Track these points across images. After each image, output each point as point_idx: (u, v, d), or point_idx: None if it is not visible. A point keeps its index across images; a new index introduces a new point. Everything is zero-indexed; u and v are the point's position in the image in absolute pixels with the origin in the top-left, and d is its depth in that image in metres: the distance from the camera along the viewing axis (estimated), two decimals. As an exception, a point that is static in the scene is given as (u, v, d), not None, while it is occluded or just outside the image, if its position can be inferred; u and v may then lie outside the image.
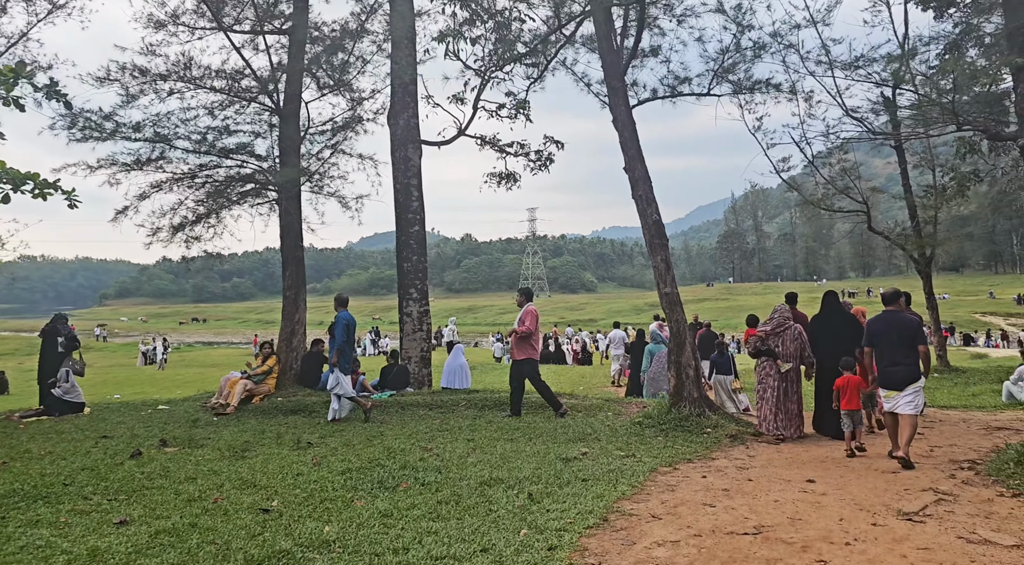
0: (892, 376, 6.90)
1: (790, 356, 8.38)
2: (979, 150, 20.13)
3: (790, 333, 8.44)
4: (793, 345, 8.38)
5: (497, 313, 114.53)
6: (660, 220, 8.70)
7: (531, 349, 9.69)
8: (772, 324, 8.56)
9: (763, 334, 8.50)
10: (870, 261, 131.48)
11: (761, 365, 8.58)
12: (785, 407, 8.34)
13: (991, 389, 15.47)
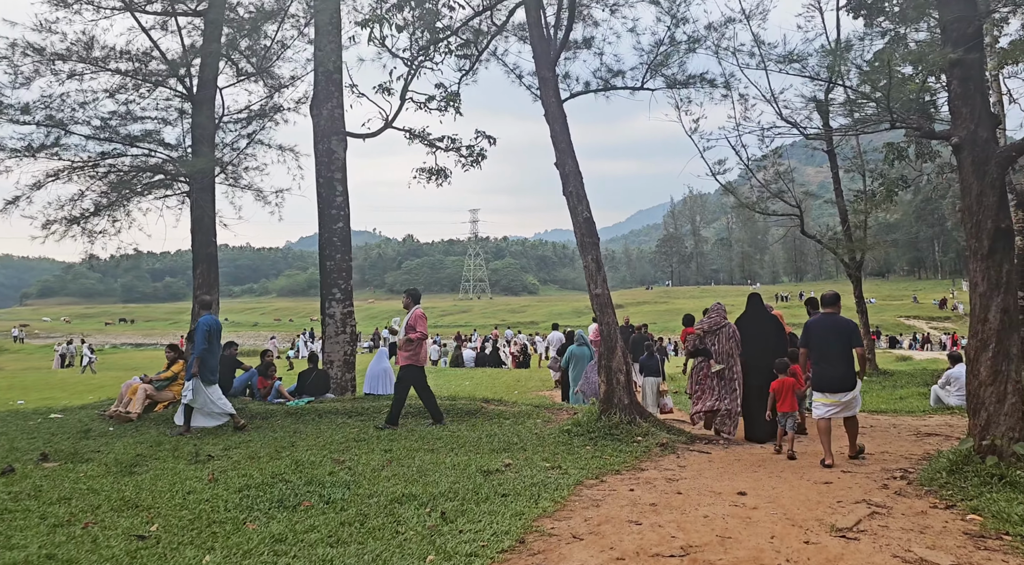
0: (828, 378, 6.94)
1: (725, 355, 8.32)
2: (907, 156, 20.57)
3: (725, 332, 8.37)
4: (728, 344, 8.31)
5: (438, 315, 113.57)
6: (591, 218, 8.33)
7: (416, 355, 9.08)
8: (708, 322, 8.49)
9: (700, 332, 8.40)
10: (802, 266, 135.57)
11: (697, 366, 8.49)
12: (722, 407, 8.29)
13: (917, 392, 15.72)
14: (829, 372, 6.96)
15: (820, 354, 7.06)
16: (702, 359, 8.43)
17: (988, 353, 5.95)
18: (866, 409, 11.04)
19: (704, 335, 8.40)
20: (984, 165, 5.99)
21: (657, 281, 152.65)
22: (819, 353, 7.07)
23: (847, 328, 7.06)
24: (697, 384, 8.50)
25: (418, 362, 9.10)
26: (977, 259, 6.04)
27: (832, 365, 6.95)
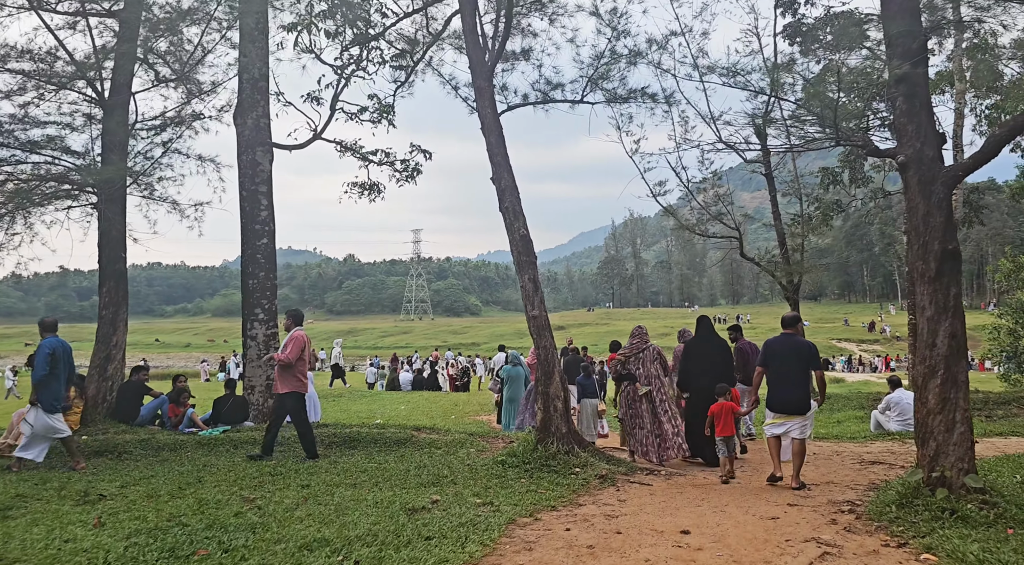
0: (785, 400, 6.88)
1: (650, 378, 8.25)
2: (841, 181, 20.95)
3: (648, 354, 8.34)
4: (653, 366, 8.27)
5: (379, 336, 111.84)
6: (528, 235, 7.90)
7: (295, 381, 8.40)
8: (630, 347, 8.43)
9: (623, 357, 8.35)
10: (739, 289, 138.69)
11: (624, 391, 8.34)
12: (660, 431, 8.05)
13: (854, 416, 15.76)
14: (785, 394, 6.88)
15: (778, 375, 6.96)
16: (628, 383, 8.29)
17: (936, 380, 5.71)
18: (807, 434, 10.88)
19: (627, 360, 8.29)
20: (930, 184, 5.80)
21: (598, 303, 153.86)
22: (777, 374, 6.97)
23: (807, 350, 7.00)
24: (628, 408, 8.32)
25: (300, 389, 8.42)
26: (924, 282, 5.82)
27: (789, 387, 6.87)
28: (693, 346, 8.55)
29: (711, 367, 8.22)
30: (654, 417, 8.18)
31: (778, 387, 6.96)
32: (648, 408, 8.20)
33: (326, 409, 19.05)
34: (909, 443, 9.12)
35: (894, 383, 10.42)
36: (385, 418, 16.78)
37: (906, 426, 9.89)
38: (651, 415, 8.18)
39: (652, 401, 8.22)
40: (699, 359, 8.33)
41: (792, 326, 7.25)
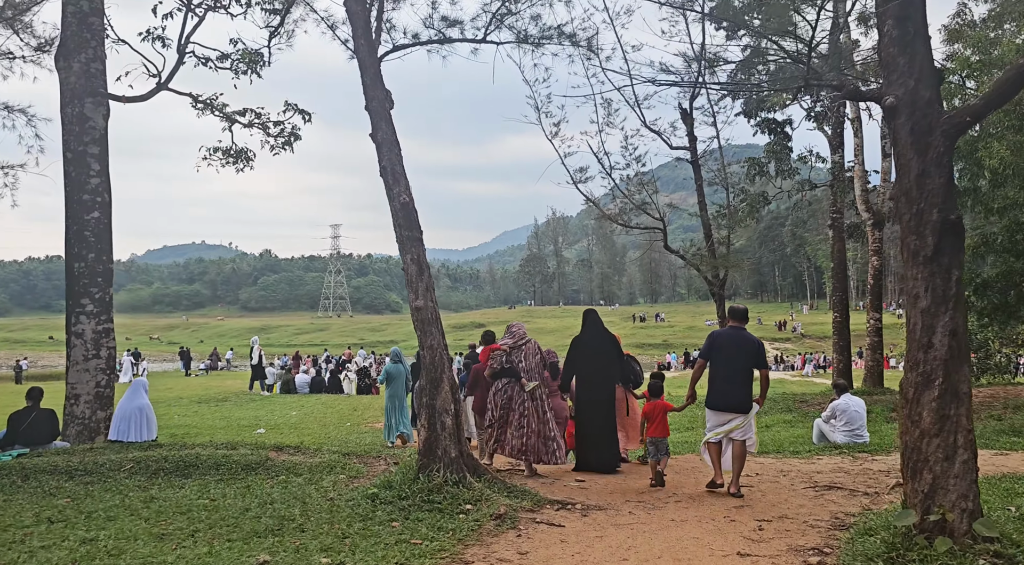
0: (727, 397, 6.51)
1: (532, 374, 7.55)
2: (767, 172, 20.09)
3: (530, 348, 7.65)
4: (534, 360, 7.60)
5: (293, 333, 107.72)
6: (411, 204, 6.18)
7: None
8: (513, 338, 7.69)
9: (506, 349, 7.57)
10: (657, 288, 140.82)
11: (502, 388, 7.53)
12: (541, 431, 7.39)
13: (783, 420, 14.76)
14: (728, 390, 6.51)
15: (722, 370, 6.56)
16: (508, 380, 7.53)
17: (933, 391, 4.33)
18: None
19: (510, 351, 7.56)
20: (927, 135, 4.41)
21: (520, 301, 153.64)
22: (721, 369, 6.57)
23: (755, 346, 6.63)
24: (502, 408, 7.52)
25: None
26: (917, 263, 4.43)
27: (732, 383, 6.51)
28: (580, 344, 7.84)
29: (601, 367, 7.71)
30: (541, 417, 7.43)
31: (721, 383, 6.53)
32: (534, 407, 7.45)
33: (205, 415, 16.81)
34: (860, 459, 7.88)
35: (840, 388, 9.21)
36: (271, 427, 14.75)
37: (853, 437, 8.69)
38: (534, 415, 7.42)
39: (535, 399, 7.48)
40: (587, 358, 7.73)
41: (742, 319, 6.81)
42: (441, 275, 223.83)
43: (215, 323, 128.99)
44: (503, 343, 7.71)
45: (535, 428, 7.35)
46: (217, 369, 44.77)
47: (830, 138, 18.98)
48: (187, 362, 39.11)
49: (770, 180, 19.60)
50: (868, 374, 17.37)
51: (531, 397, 7.43)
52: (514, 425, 7.41)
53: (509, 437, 7.43)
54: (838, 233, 18.90)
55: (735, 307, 6.98)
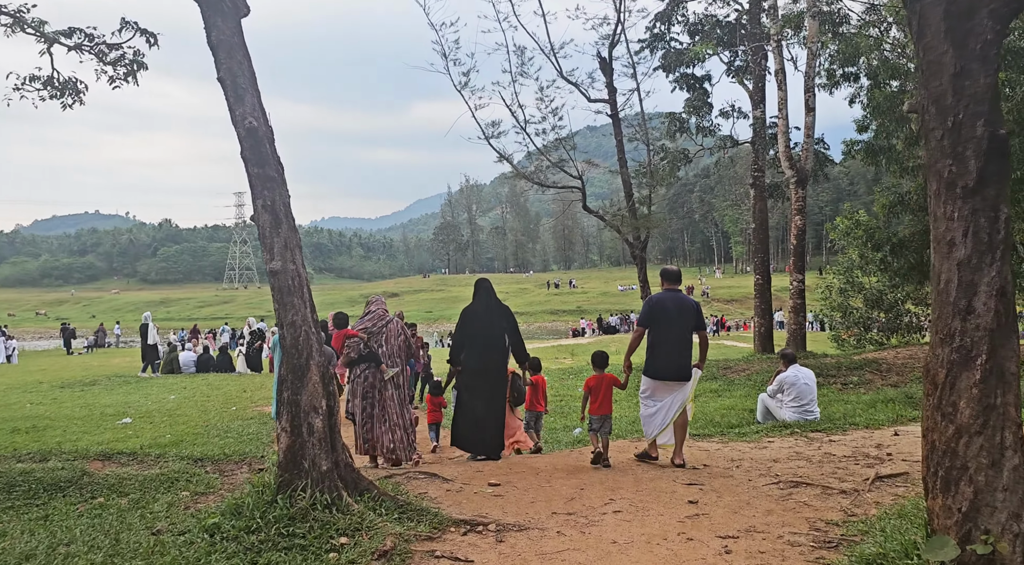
0: (672, 365, 6.22)
1: (395, 358, 6.94)
2: (688, 129, 19.14)
3: (393, 329, 6.99)
4: (396, 342, 6.96)
5: (195, 306, 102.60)
6: (263, 130, 4.54)
7: None
8: (371, 320, 6.99)
9: (364, 334, 6.85)
10: (571, 255, 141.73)
11: (361, 375, 6.84)
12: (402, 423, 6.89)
13: (709, 389, 13.93)
14: (672, 357, 6.20)
15: (662, 336, 6.22)
16: (367, 366, 6.83)
17: (974, 373, 3.15)
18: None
19: (369, 337, 6.88)
20: (968, 18, 3.17)
21: (435, 269, 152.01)
22: (661, 335, 6.22)
23: (694, 307, 6.37)
24: (363, 399, 6.87)
25: None
26: (954, 197, 3.21)
27: (674, 349, 6.21)
28: (472, 315, 7.15)
29: (493, 338, 7.06)
30: (401, 407, 6.90)
31: (663, 350, 6.19)
32: (394, 395, 6.89)
33: (65, 402, 14.57)
34: (816, 440, 6.87)
35: (788, 358, 8.17)
36: (140, 415, 12.78)
37: (803, 414, 7.71)
38: (397, 404, 6.88)
39: (398, 388, 6.95)
40: (477, 330, 7.05)
41: (677, 281, 6.43)
42: (354, 244, 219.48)
43: (109, 297, 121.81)
44: (360, 327, 6.95)
45: (395, 422, 6.80)
46: (105, 346, 41.29)
47: (751, 93, 18.16)
48: (68, 339, 35.62)
49: (691, 137, 18.70)
50: (792, 338, 16.83)
51: (392, 385, 6.82)
52: (379, 419, 6.79)
53: (380, 434, 6.79)
54: (759, 192, 18.18)
55: (668, 268, 6.51)
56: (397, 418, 6.91)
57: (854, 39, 17.89)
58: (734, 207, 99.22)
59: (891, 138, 18.20)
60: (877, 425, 7.24)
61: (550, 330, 60.28)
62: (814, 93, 16.38)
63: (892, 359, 15.59)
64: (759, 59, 17.91)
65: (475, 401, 6.99)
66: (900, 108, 17.65)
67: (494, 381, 7.04)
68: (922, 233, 18.21)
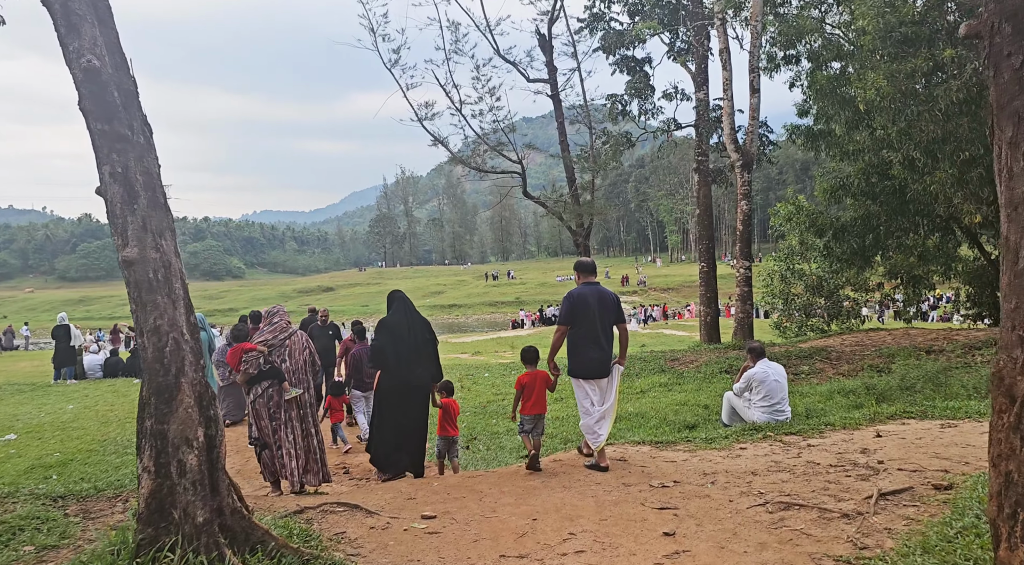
0: (596, 362, 5.87)
1: (299, 374, 6.18)
2: (630, 112, 18.42)
3: (296, 342, 6.24)
4: (301, 358, 6.23)
5: (117, 305, 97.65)
6: (105, 70, 3.42)
7: None
8: (271, 332, 6.19)
9: (264, 348, 6.05)
10: (508, 246, 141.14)
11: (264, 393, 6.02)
12: (308, 446, 6.15)
13: (658, 383, 13.26)
14: (598, 354, 5.87)
15: (585, 332, 5.87)
16: (270, 383, 6.05)
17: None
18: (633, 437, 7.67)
19: (270, 350, 6.08)
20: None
21: (371, 262, 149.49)
22: (587, 331, 5.87)
23: (614, 300, 6.14)
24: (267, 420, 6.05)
25: None
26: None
27: (597, 345, 5.89)
28: (391, 326, 6.52)
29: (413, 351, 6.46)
30: (303, 428, 6.12)
31: (586, 347, 5.85)
32: (297, 415, 6.10)
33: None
34: (793, 446, 6.11)
35: (756, 352, 7.38)
36: (28, 430, 11.32)
37: (774, 414, 6.97)
38: (300, 426, 6.11)
39: (301, 407, 6.15)
40: (400, 342, 6.46)
41: (593, 273, 6.14)
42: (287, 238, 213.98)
43: (24, 296, 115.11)
44: (259, 340, 6.12)
45: (293, 443, 6.02)
46: (11, 348, 38.31)
47: (694, 75, 17.56)
48: (-34, 343, 32.81)
49: (633, 120, 17.99)
50: (739, 326, 16.33)
51: (296, 405, 6.03)
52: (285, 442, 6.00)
53: (288, 461, 6.00)
54: (704, 177, 17.61)
55: (583, 261, 6.23)
56: (304, 440, 6.08)
57: (796, 20, 17.49)
58: (669, 196, 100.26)
59: (831, 122, 17.90)
60: (855, 425, 6.55)
61: (489, 322, 59.42)
62: (759, 74, 15.85)
63: (839, 346, 15.26)
64: (702, 39, 17.31)
65: (396, 417, 6.32)
66: (842, 89, 17.37)
67: (416, 395, 6.42)
68: (864, 218, 18.02)
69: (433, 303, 73.77)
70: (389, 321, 6.50)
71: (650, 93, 17.99)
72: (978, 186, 12.60)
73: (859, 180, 17.37)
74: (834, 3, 17.45)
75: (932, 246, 18.94)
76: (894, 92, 12.73)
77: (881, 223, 17.45)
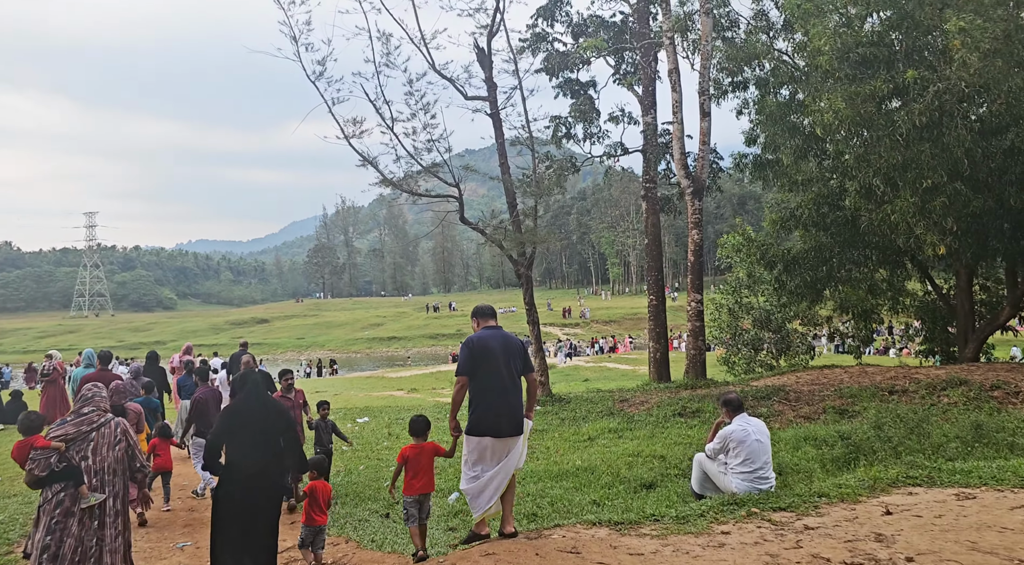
0: (503, 418, 5.18)
1: (106, 475, 4.83)
2: (574, 135, 17.44)
3: (107, 436, 4.89)
4: (112, 455, 4.86)
5: (34, 337, 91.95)
6: None
7: None
8: (75, 423, 4.79)
9: (61, 443, 4.65)
10: (450, 277, 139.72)
11: (52, 499, 4.65)
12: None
13: (607, 428, 12.02)
14: (500, 407, 5.16)
15: (490, 383, 5.20)
16: (63, 487, 4.67)
17: None
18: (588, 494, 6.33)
19: (68, 443, 4.71)
20: None
21: (309, 293, 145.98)
22: (489, 382, 5.20)
23: (520, 347, 5.47)
24: (49, 534, 4.58)
25: None
26: None
27: (504, 398, 5.20)
28: (237, 412, 5.14)
29: (266, 443, 5.11)
30: (99, 548, 4.73)
31: (492, 400, 5.19)
32: (94, 529, 4.72)
33: None
34: (786, 529, 4.84)
35: (732, 406, 6.03)
36: None
37: (755, 482, 5.68)
38: (96, 545, 4.72)
39: (99, 517, 4.78)
40: (247, 431, 5.08)
41: (494, 317, 5.66)
42: (223, 268, 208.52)
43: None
44: (57, 433, 4.68)
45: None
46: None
47: (641, 98, 16.73)
48: None
49: (578, 143, 17.01)
50: (691, 364, 15.28)
51: (89, 516, 4.68)
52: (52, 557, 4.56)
53: None
54: (652, 205, 16.67)
55: (480, 306, 5.74)
56: (98, 562, 4.71)
57: (744, 44, 16.88)
58: (611, 229, 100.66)
59: (779, 151, 17.29)
60: (852, 495, 5.37)
61: (429, 355, 57.66)
62: (710, 96, 15.05)
63: (796, 385, 14.35)
64: (649, 61, 16.51)
65: (240, 516, 5.01)
66: (791, 116, 16.79)
67: (262, 497, 5.14)
68: (816, 249, 17.38)
69: (372, 336, 71.53)
70: (234, 408, 5.22)
71: (595, 116, 17.07)
72: (941, 216, 11.86)
73: (809, 211, 16.73)
74: (782, 28, 16.94)
75: (880, 280, 18.45)
76: (853, 115, 11.99)
77: (834, 255, 16.80)
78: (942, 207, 11.78)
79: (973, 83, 10.88)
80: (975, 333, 16.25)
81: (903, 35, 12.32)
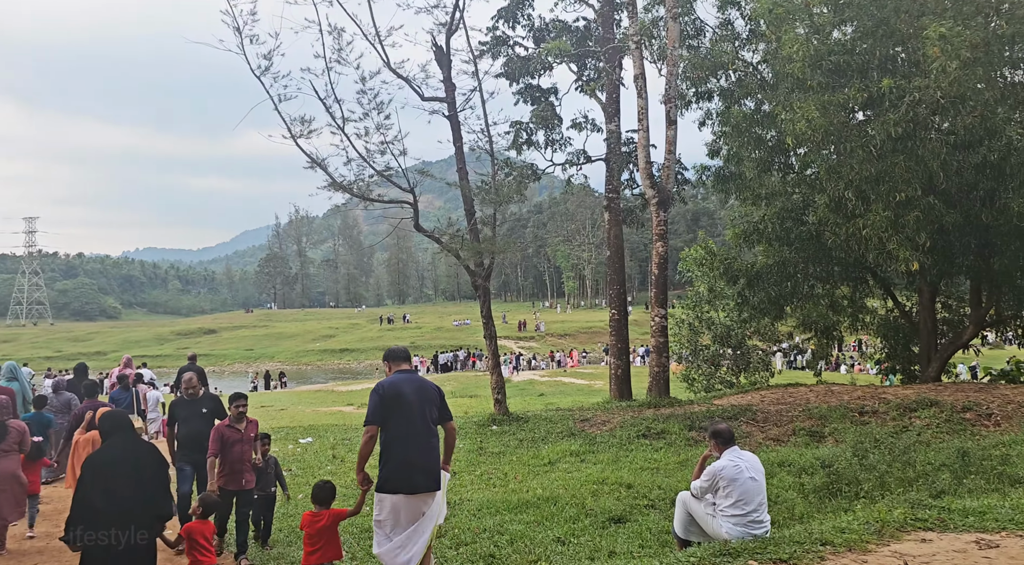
0: (417, 472, 4.84)
1: None
2: (535, 142, 16.76)
3: None
4: None
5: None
6: None
7: None
8: None
9: None
10: (405, 289, 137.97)
11: None
12: None
13: (568, 451, 11.23)
14: (414, 460, 4.82)
15: (403, 432, 4.83)
16: None
17: None
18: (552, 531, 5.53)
19: None
20: None
21: (261, 304, 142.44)
22: (402, 431, 4.84)
23: (437, 393, 5.16)
24: None
25: None
26: None
27: (418, 449, 4.85)
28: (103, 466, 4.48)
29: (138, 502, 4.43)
30: None
31: (404, 452, 4.79)
32: None
33: None
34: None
35: (722, 438, 5.21)
36: None
37: (749, 526, 4.90)
38: None
39: None
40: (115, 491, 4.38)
41: (407, 360, 5.27)
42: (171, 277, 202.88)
43: None
44: None
45: None
46: None
47: (604, 105, 16.15)
48: None
49: (539, 150, 16.33)
50: (654, 381, 14.62)
51: None
52: None
53: None
54: (615, 215, 16.05)
55: (394, 349, 5.40)
56: None
57: (710, 53, 16.47)
58: (566, 242, 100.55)
59: (742, 164, 16.91)
60: (859, 542, 4.67)
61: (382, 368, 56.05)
62: (676, 104, 14.52)
63: (761, 404, 13.80)
64: (614, 67, 15.95)
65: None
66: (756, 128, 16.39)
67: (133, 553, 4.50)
68: (780, 264, 17.00)
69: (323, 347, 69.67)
70: (99, 459, 4.58)
71: (557, 123, 16.43)
72: (915, 230, 11.46)
73: (773, 225, 16.32)
74: (748, 37, 16.59)
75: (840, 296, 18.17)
76: (827, 125, 11.55)
77: (798, 270, 16.42)
78: (916, 221, 11.39)
79: (949, 93, 10.51)
80: (938, 352, 15.99)
81: (877, 43, 11.93)
